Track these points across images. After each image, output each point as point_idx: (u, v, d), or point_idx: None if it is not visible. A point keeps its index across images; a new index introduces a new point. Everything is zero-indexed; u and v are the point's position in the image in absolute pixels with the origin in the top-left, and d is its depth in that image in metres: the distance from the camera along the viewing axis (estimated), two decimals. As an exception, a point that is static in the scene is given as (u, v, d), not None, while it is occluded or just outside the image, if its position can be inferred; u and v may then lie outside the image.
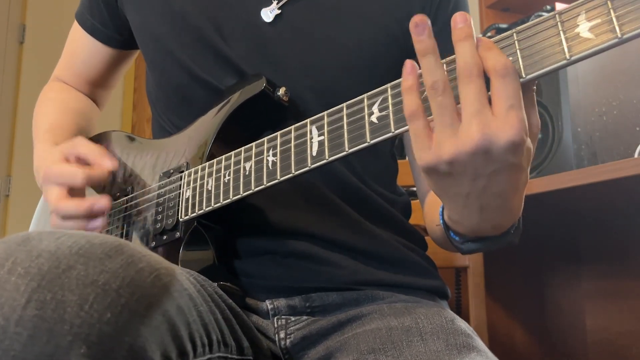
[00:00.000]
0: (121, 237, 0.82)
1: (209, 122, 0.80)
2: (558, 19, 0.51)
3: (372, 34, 0.81)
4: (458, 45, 0.53)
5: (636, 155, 1.28)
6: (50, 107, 0.98)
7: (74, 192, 0.78)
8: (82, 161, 0.80)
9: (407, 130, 0.58)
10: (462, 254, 0.73)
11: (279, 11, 0.81)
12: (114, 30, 0.96)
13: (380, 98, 0.61)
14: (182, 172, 0.79)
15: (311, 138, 0.65)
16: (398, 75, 0.83)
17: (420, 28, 0.53)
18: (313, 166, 0.64)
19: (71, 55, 1.03)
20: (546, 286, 1.80)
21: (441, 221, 0.67)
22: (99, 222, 0.77)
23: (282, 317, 0.76)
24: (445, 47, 0.83)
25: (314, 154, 0.64)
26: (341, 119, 0.63)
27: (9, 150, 3.25)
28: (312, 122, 0.66)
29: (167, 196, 0.80)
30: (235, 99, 0.78)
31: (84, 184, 0.77)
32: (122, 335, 0.48)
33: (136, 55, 1.04)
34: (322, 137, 0.64)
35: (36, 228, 1.02)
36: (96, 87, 1.05)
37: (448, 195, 0.59)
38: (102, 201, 0.76)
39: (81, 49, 1.01)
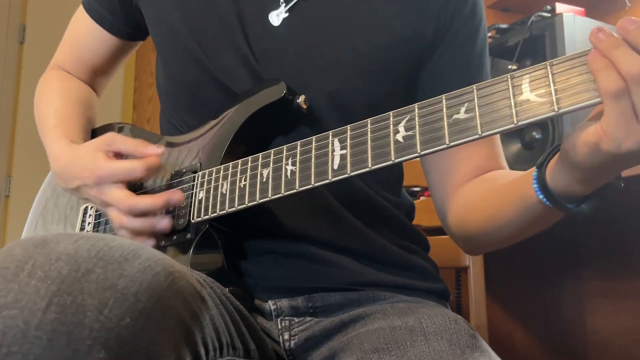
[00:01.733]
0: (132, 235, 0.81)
1: (224, 125, 0.79)
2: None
3: (385, 37, 0.80)
4: (617, 53, 0.51)
5: (636, 155, 1.28)
6: (55, 98, 0.96)
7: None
8: (121, 156, 0.80)
9: (433, 152, 0.58)
10: (579, 218, 0.66)
11: (287, 14, 0.80)
12: (122, 21, 0.95)
13: (407, 117, 0.60)
14: (196, 172, 0.79)
15: (333, 151, 0.65)
16: (408, 82, 0.82)
17: (602, 33, 0.52)
18: (334, 179, 0.64)
19: (74, 42, 1.02)
20: (546, 286, 1.80)
21: (541, 196, 0.63)
22: (167, 221, 0.76)
23: (286, 318, 0.76)
24: (457, 52, 0.83)
25: (336, 167, 0.64)
26: (365, 134, 0.63)
27: (9, 150, 3.25)
28: (334, 135, 0.66)
29: None
30: (253, 103, 0.78)
31: (145, 175, 0.76)
32: (140, 340, 0.48)
33: (139, 46, 1.04)
34: (344, 151, 0.64)
35: (32, 227, 1.02)
36: (97, 75, 1.03)
37: (616, 169, 0.57)
38: (176, 195, 0.76)
39: (85, 36, 0.99)
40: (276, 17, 0.80)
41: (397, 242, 0.83)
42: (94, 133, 0.97)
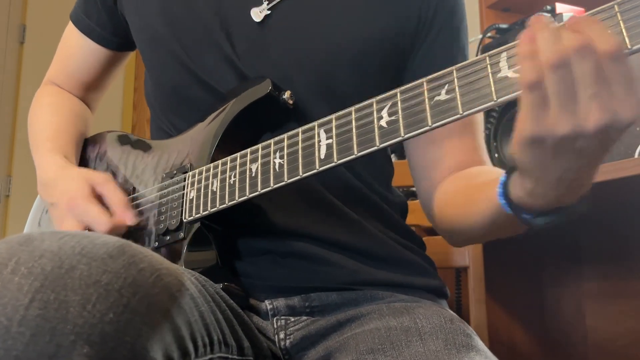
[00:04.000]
0: (123, 237, 0.81)
1: (212, 124, 0.80)
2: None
3: (368, 30, 0.81)
4: (563, 32, 0.51)
5: (636, 155, 1.28)
6: (47, 112, 0.97)
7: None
8: (103, 201, 0.81)
9: (417, 135, 0.58)
10: (532, 230, 0.66)
11: (269, 12, 0.80)
12: (110, 31, 0.96)
13: (390, 103, 0.61)
14: (186, 172, 0.79)
15: (319, 141, 0.65)
16: (393, 75, 0.84)
17: (540, 17, 0.53)
18: (321, 169, 0.65)
19: (65, 57, 1.03)
20: (546, 286, 1.80)
21: (503, 201, 0.63)
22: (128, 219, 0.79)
23: (282, 317, 0.76)
24: (442, 46, 0.84)
25: (322, 156, 0.65)
26: (350, 122, 0.63)
27: (9, 150, 3.25)
28: (320, 125, 0.66)
29: (170, 197, 0.79)
30: (240, 101, 0.78)
31: (105, 233, 0.77)
32: (124, 335, 0.48)
33: (130, 57, 1.04)
34: (330, 140, 0.65)
35: (32, 228, 1.02)
36: (89, 90, 1.04)
37: (543, 169, 0.56)
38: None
39: (76, 50, 1.00)
40: (258, 13, 0.80)
41: (393, 237, 0.83)
42: (86, 142, 0.97)
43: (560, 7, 1.47)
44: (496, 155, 1.52)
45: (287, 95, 0.77)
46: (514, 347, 1.75)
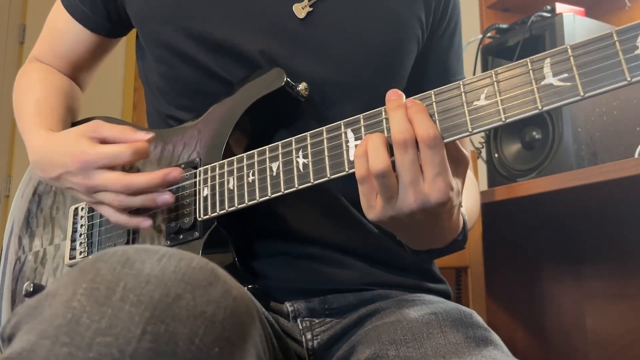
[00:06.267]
0: (129, 233, 0.79)
1: (222, 116, 0.77)
2: (616, 38, 0.51)
3: (399, 31, 0.82)
4: (391, 114, 0.59)
5: (636, 155, 1.28)
6: (34, 88, 0.92)
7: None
8: (107, 143, 0.75)
9: (454, 140, 0.59)
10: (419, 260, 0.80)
11: (311, 9, 0.80)
12: (103, 17, 0.91)
13: (425, 104, 0.60)
14: (195, 168, 0.76)
15: (347, 141, 0.63)
16: (416, 70, 0.85)
17: (396, 93, 0.60)
18: (351, 171, 0.62)
19: (53, 38, 0.98)
20: (546, 286, 1.80)
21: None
22: (168, 196, 0.73)
23: (305, 319, 0.76)
24: (444, 46, 0.87)
25: (352, 158, 0.62)
26: (381, 123, 0.61)
27: (9, 150, 3.25)
28: (347, 125, 0.64)
29: (180, 193, 0.76)
30: (253, 92, 0.75)
31: (132, 159, 0.72)
32: None
33: (120, 41, 1.00)
34: (359, 142, 0.62)
35: (12, 231, 0.98)
36: (79, 70, 0.99)
37: (397, 234, 0.66)
38: (175, 171, 0.73)
39: (65, 32, 0.95)
40: (300, 9, 0.80)
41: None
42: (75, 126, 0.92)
43: (560, 7, 1.47)
44: (496, 155, 1.51)
45: (302, 87, 0.74)
46: (514, 347, 1.75)
